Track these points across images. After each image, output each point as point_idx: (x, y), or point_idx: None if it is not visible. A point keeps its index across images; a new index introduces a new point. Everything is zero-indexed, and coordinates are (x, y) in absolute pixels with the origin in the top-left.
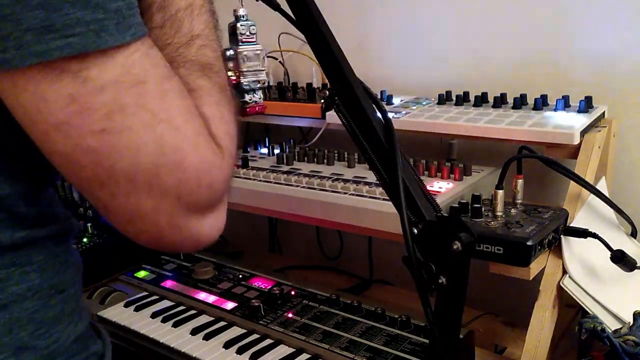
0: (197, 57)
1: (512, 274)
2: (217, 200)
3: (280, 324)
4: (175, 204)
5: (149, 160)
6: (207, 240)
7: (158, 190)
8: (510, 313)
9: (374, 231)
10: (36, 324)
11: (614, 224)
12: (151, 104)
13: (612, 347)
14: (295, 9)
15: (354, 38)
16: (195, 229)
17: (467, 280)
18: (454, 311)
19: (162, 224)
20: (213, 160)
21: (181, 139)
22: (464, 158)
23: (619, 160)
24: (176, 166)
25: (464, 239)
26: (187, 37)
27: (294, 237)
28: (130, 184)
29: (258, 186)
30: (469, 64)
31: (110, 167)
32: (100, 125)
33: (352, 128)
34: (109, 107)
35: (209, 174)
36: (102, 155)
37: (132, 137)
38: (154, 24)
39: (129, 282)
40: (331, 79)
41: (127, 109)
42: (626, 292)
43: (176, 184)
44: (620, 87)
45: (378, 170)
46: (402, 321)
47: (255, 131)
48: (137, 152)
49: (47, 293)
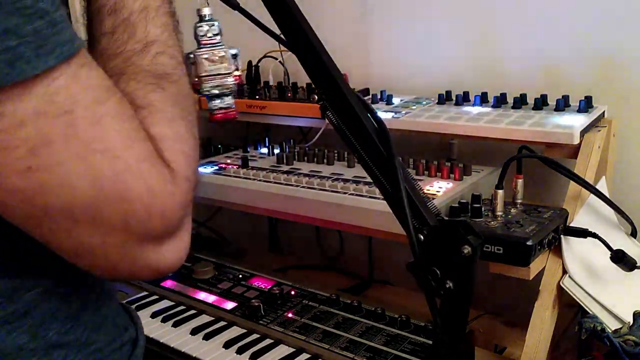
0: (152, 67)
1: (512, 273)
2: (175, 227)
3: (280, 324)
4: (125, 237)
5: (86, 194)
6: (168, 267)
7: (102, 225)
8: (510, 313)
9: (373, 231)
10: (61, 321)
11: (614, 223)
12: (82, 133)
13: (612, 347)
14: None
15: (354, 38)
16: (153, 258)
17: (474, 282)
18: (460, 315)
19: (113, 257)
20: (162, 187)
21: (122, 168)
22: (464, 158)
23: (618, 160)
24: (119, 198)
25: (474, 242)
26: (142, 43)
27: (294, 237)
28: (69, 221)
29: (258, 186)
30: (469, 64)
31: (43, 206)
32: (24, 163)
33: (347, 137)
34: (32, 143)
35: (159, 203)
36: (32, 195)
37: (63, 172)
38: (104, 30)
39: (129, 282)
40: (316, 81)
41: (54, 143)
42: (626, 291)
43: (122, 217)
44: (620, 87)
45: (380, 182)
46: (401, 321)
47: (255, 131)
48: (70, 187)
49: (66, 290)
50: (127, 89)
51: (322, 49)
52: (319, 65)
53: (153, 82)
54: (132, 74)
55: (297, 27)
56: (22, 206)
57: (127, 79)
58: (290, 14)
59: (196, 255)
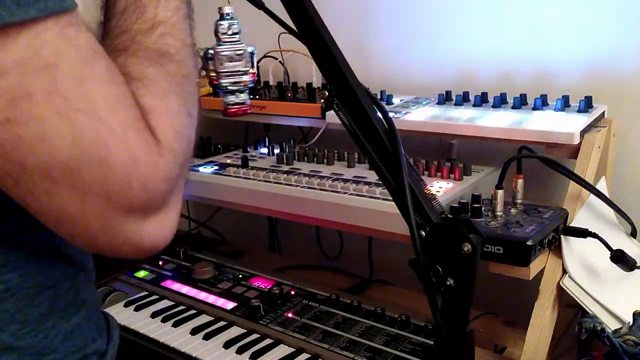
0: (156, 45)
1: (512, 273)
2: (158, 202)
3: (280, 324)
4: (104, 205)
5: (65, 154)
6: (150, 246)
7: (81, 187)
8: (510, 313)
9: (374, 231)
10: (18, 323)
11: (614, 223)
12: (66, 90)
13: (611, 347)
14: (294, 15)
15: (354, 38)
16: (134, 233)
17: (474, 281)
18: (461, 312)
19: (93, 227)
20: (145, 156)
21: (105, 131)
22: (464, 158)
23: (618, 160)
24: (99, 161)
25: (475, 240)
26: (149, 23)
27: (294, 237)
28: (47, 181)
29: (258, 186)
30: (468, 64)
31: (20, 162)
32: (4, 114)
33: (354, 130)
34: (12, 94)
35: (141, 171)
36: (9, 148)
37: (43, 127)
38: (117, 10)
39: (129, 281)
40: (331, 82)
41: (35, 96)
42: (626, 291)
43: (100, 181)
44: (620, 87)
45: (383, 175)
46: (402, 321)
47: (255, 131)
48: (50, 144)
49: (32, 292)
50: (125, 62)
51: (334, 45)
52: (330, 61)
53: (153, 59)
54: (133, 50)
55: (312, 26)
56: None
57: (128, 55)
58: (306, 12)
59: (196, 255)
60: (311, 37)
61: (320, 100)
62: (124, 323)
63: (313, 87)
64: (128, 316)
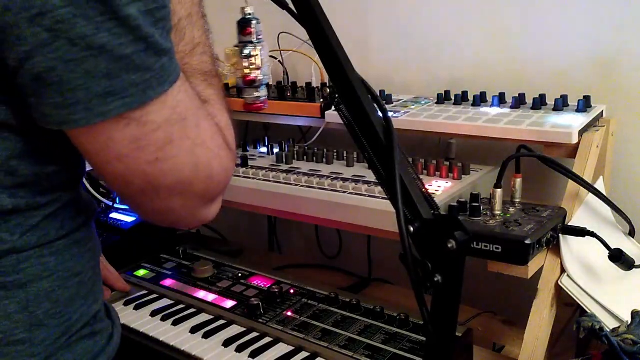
0: (199, 66)
1: (510, 272)
2: (224, 192)
3: (280, 322)
4: (199, 202)
5: (186, 176)
6: (210, 219)
7: (189, 195)
8: (508, 311)
9: (372, 230)
10: (52, 303)
11: (612, 223)
12: (191, 133)
13: (610, 345)
14: (298, 5)
15: (354, 38)
16: (206, 215)
17: (462, 278)
18: (450, 309)
19: (184, 215)
20: (231, 166)
21: (211, 156)
22: (463, 157)
23: (617, 159)
24: (207, 177)
25: (459, 237)
26: (190, 45)
27: (293, 236)
28: (169, 192)
29: (257, 185)
30: (468, 63)
31: (156, 184)
32: (154, 156)
33: (351, 125)
34: (161, 142)
35: (226, 177)
36: (152, 177)
37: (177, 161)
38: None
39: (129, 280)
40: (332, 76)
41: (174, 141)
42: (624, 291)
43: (204, 189)
44: (619, 86)
45: (376, 168)
46: (400, 319)
47: (254, 130)
48: (179, 172)
49: (64, 275)
50: None
51: (337, 43)
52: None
53: (203, 80)
54: (188, 73)
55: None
56: (142, 184)
57: (186, 78)
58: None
59: (196, 254)
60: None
61: (319, 99)
62: (123, 321)
63: (312, 86)
64: (128, 315)
